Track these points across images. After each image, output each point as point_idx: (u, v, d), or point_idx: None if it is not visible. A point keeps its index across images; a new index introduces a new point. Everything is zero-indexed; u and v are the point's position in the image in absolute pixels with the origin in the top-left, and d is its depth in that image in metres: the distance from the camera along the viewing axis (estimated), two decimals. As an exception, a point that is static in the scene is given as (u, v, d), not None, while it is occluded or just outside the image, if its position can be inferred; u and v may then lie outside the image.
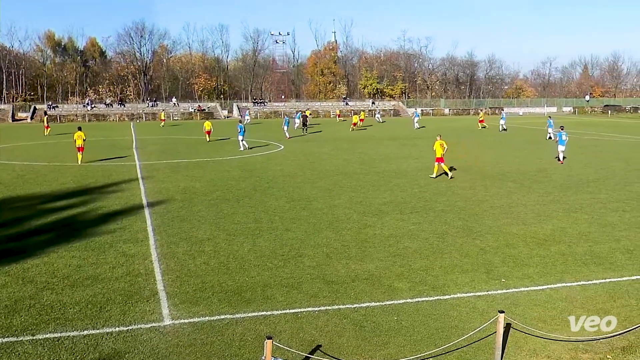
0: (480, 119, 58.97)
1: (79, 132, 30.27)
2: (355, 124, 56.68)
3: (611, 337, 8.82)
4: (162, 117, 68.44)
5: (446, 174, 24.42)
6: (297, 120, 57.05)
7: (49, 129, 52.27)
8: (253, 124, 66.58)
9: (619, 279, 11.51)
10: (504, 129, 53.00)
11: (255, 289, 10.91)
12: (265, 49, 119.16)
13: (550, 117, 50.39)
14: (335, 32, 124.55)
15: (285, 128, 47.38)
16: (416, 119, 60.61)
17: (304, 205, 18.61)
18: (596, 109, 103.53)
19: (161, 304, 10.19)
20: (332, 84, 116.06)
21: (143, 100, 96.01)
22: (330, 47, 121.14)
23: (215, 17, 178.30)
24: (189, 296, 10.55)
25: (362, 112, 67.10)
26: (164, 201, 19.33)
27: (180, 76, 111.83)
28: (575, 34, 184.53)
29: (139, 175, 25.27)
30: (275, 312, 9.82)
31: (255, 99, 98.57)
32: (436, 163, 24.66)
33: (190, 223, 16.17)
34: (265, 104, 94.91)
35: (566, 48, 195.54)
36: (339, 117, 76.63)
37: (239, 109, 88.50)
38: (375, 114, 74.96)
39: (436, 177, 24.39)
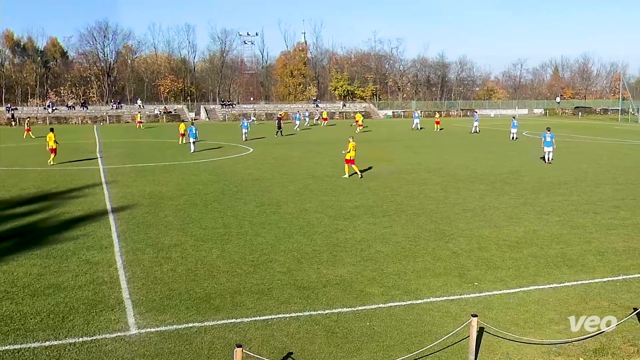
0: (436, 121, 59.95)
1: (50, 133, 30.81)
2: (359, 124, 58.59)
3: (583, 339, 8.97)
4: (139, 119, 68.17)
5: (357, 173, 25.48)
6: (296, 122, 61.60)
7: (29, 131, 51.43)
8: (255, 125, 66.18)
9: (590, 281, 11.72)
10: (476, 131, 53.61)
11: (224, 296, 10.85)
12: (233, 50, 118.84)
13: (514, 117, 51.33)
14: (305, 33, 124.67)
15: (245, 131, 46.37)
16: (416, 120, 62.29)
17: (274, 210, 18.58)
18: (567, 111, 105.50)
19: (127, 312, 10.06)
20: (302, 86, 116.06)
21: (107, 103, 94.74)
22: (300, 48, 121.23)
23: (181, 16, 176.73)
24: (155, 304, 10.43)
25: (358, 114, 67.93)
26: (129, 206, 19.11)
27: (146, 77, 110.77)
28: (545, 36, 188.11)
29: (103, 180, 24.93)
30: (245, 320, 9.77)
31: (223, 101, 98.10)
32: (347, 164, 25.67)
33: (156, 229, 16.01)
34: (234, 106, 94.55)
35: (537, 50, 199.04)
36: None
37: (205, 110, 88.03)
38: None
39: (349, 176, 25.33)
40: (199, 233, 15.54)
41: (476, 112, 70.41)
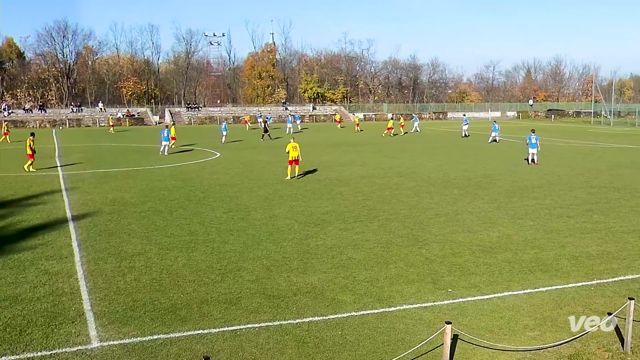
0: (389, 127, 60.61)
1: (30, 138, 30.76)
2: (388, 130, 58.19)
3: (558, 345, 9.10)
4: (111, 123, 67.51)
5: (297, 176, 26.70)
6: (289, 125, 62.02)
7: (7, 135, 50.64)
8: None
9: (565, 286, 11.90)
10: (466, 135, 54.23)
11: (191, 306, 10.75)
12: (199, 51, 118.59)
13: (495, 121, 52.22)
14: (273, 34, 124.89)
15: (224, 133, 47.84)
16: (415, 123, 63.67)
17: (242, 216, 18.50)
18: (539, 114, 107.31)
19: (88, 325, 9.90)
20: (270, 88, 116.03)
21: (66, 106, 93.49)
22: (269, 50, 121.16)
23: (144, 16, 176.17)
24: (118, 316, 10.29)
25: (355, 117, 68.61)
26: (91, 214, 18.84)
27: (107, 79, 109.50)
28: (518, 38, 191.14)
29: (63, 187, 24.55)
30: (212, 330, 9.69)
31: (188, 104, 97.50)
32: (289, 165, 26.73)
33: (119, 237, 15.81)
34: (200, 109, 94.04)
35: (509, 52, 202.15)
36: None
37: (171, 114, 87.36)
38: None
39: (291, 178, 26.30)
40: (164, 241, 15.39)
41: (465, 115, 71.24)
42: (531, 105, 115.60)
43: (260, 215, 18.69)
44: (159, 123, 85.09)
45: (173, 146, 40.48)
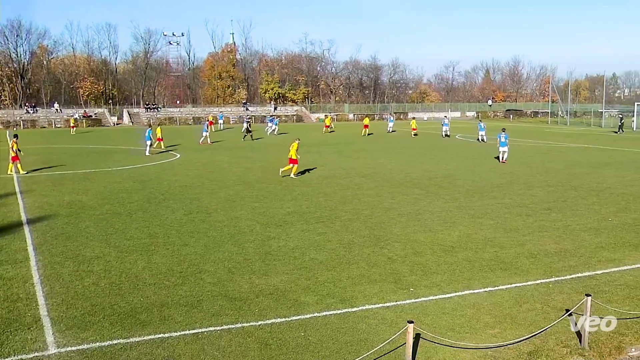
0: (327, 125, 61.68)
1: (13, 140, 30.44)
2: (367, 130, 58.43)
3: (518, 342, 9.26)
4: (73, 124, 66.10)
5: (290, 175, 27.43)
6: (270, 124, 63.16)
7: None
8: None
9: (524, 284, 12.12)
10: (447, 135, 54.94)
11: (151, 310, 10.62)
12: (157, 51, 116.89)
13: (481, 120, 53.86)
14: (233, 34, 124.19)
15: (205, 134, 48.02)
16: (390, 124, 64.32)
17: (203, 218, 18.36)
18: (498, 114, 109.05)
19: (45, 331, 9.70)
20: (231, 88, 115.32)
21: (20, 106, 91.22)
22: (229, 49, 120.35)
23: (101, 15, 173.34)
24: (76, 321, 10.11)
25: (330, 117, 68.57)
26: (47, 217, 18.47)
27: (63, 79, 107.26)
28: (477, 39, 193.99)
29: (17, 189, 24.01)
30: (173, 334, 9.59)
31: (147, 104, 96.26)
32: (290, 164, 27.44)
33: (76, 240, 15.53)
34: (159, 109, 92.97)
35: (469, 52, 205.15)
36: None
37: (129, 114, 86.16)
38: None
39: (297, 176, 27.36)
40: (123, 244, 15.18)
41: (446, 116, 71.96)
42: (490, 106, 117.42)
43: (222, 216, 18.58)
44: (117, 124, 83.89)
45: (160, 147, 40.83)
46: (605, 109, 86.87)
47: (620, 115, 70.22)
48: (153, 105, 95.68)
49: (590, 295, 9.38)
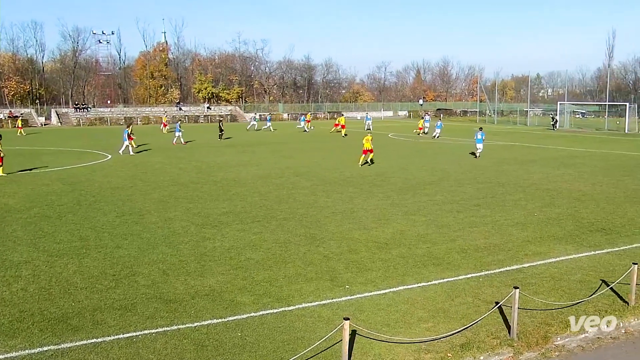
0: (342, 125, 61.78)
1: None
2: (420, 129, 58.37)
3: (450, 335, 9.47)
4: (20, 125, 63.40)
5: (368, 162, 31.51)
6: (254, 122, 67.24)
7: None
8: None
9: (455, 278, 12.40)
10: (426, 133, 56.51)
11: (84, 315, 10.33)
12: (87, 50, 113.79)
13: (440, 118, 56.69)
14: (165, 33, 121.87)
15: (178, 134, 47.58)
16: (368, 122, 64.46)
17: (136, 220, 17.99)
18: (429, 113, 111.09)
19: (-30, 339, 9.31)
20: (163, 88, 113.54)
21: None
22: (161, 49, 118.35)
23: (27, 12, 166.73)
24: (4, 328, 9.73)
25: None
26: (-30, 221, 17.71)
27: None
28: (408, 39, 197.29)
29: (-62, 193, 22.93)
30: (107, 339, 9.36)
31: (77, 104, 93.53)
32: (364, 155, 31.49)
33: (3, 245, 14.95)
34: (89, 109, 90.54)
35: (400, 53, 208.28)
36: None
37: (57, 114, 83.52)
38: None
39: (361, 165, 30.88)
40: (52, 248, 14.71)
41: (427, 114, 72.89)
42: (421, 105, 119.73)
43: (155, 218, 18.25)
44: (44, 125, 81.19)
45: (133, 146, 40.31)
46: (530, 108, 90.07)
47: (552, 114, 73.91)
48: (83, 105, 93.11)
49: (518, 288, 9.68)
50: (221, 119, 58.35)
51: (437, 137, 52.60)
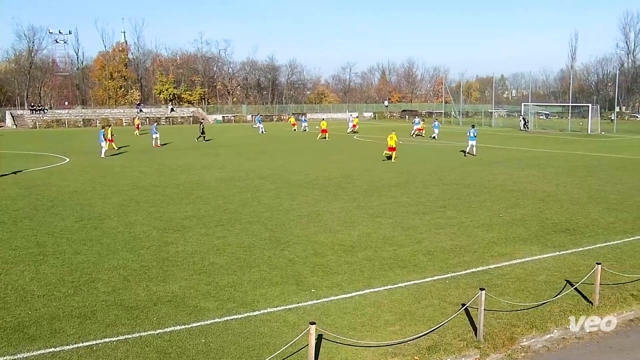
0: (354, 124, 64.35)
1: None
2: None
3: (417, 338, 9.54)
4: None
5: (390, 158, 34.43)
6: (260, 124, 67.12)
7: None
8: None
9: (422, 280, 12.49)
10: (421, 135, 57.80)
11: (41, 323, 10.13)
12: (43, 49, 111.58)
13: (437, 119, 60.44)
14: (124, 32, 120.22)
15: (155, 136, 47.58)
16: (351, 123, 65.50)
17: (96, 224, 17.72)
18: (394, 114, 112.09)
19: None
20: (123, 89, 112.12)
21: None
22: (120, 49, 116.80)
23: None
24: (-44, 339, 9.49)
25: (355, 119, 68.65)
26: None
27: None
28: (373, 40, 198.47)
29: None
30: (65, 348, 9.19)
31: (33, 106, 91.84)
32: (390, 152, 34.62)
33: (-45, 252, 14.59)
34: (46, 111, 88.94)
35: (365, 54, 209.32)
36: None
37: (12, 116, 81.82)
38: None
39: (387, 159, 34.33)
40: (7, 255, 14.39)
41: (418, 116, 73.29)
42: (387, 106, 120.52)
43: (115, 222, 18.00)
44: (-1, 127, 79.53)
45: (114, 148, 40.44)
46: (495, 109, 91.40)
47: (522, 115, 76.38)
48: (39, 106, 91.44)
49: (484, 289, 9.80)
50: (203, 120, 58.49)
51: (435, 137, 54.02)
